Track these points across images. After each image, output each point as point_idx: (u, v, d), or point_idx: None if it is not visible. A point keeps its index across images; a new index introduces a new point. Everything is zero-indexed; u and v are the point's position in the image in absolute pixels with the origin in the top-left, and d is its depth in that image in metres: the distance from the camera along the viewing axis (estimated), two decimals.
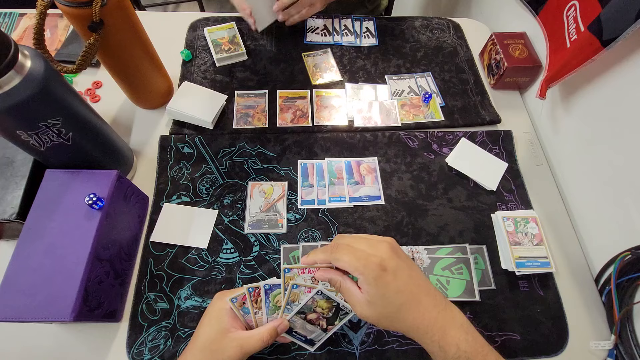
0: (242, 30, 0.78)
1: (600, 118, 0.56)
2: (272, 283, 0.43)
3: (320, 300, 0.42)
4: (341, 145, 0.66)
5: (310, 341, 0.46)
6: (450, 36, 0.82)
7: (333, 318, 0.44)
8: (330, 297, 0.42)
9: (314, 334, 0.45)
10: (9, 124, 0.41)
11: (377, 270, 0.36)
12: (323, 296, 0.42)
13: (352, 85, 0.73)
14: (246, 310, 0.43)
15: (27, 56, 0.40)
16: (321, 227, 0.58)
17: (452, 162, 0.64)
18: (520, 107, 0.74)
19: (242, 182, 0.61)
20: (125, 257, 0.52)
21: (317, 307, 0.43)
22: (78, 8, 0.47)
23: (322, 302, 0.43)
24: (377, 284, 0.36)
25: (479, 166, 0.64)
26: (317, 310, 0.43)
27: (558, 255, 0.58)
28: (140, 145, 0.64)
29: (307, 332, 0.45)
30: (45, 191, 0.46)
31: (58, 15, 0.79)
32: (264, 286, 0.42)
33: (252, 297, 0.42)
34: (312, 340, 0.46)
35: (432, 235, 0.58)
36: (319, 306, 0.43)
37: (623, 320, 0.50)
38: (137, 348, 0.49)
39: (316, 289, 0.41)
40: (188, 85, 0.68)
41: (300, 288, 0.42)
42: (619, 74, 0.52)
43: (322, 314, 0.43)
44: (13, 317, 0.40)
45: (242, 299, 0.42)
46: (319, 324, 0.44)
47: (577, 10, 0.58)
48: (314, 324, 0.44)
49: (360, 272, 0.36)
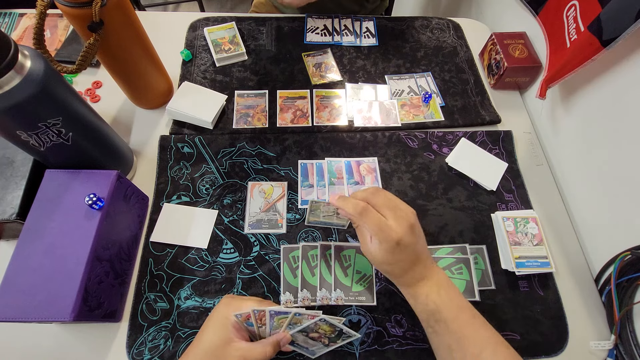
0: (242, 30, 0.78)
1: (600, 118, 0.56)
2: (278, 310, 0.41)
3: (323, 325, 0.42)
4: (341, 145, 0.66)
5: (312, 352, 0.46)
6: (450, 36, 0.82)
7: (336, 338, 0.44)
8: (333, 324, 0.42)
9: (316, 347, 0.45)
10: (9, 124, 0.41)
11: (392, 244, 0.42)
12: (326, 323, 0.42)
13: (352, 85, 0.73)
14: (250, 324, 0.43)
15: (27, 56, 0.40)
16: (321, 227, 0.58)
17: (452, 162, 0.64)
18: (520, 107, 0.74)
19: (242, 182, 0.61)
20: (125, 257, 0.52)
21: (319, 329, 0.43)
22: (78, 8, 0.47)
23: (325, 327, 0.42)
24: (388, 252, 0.42)
25: (479, 166, 0.64)
26: (319, 332, 0.43)
27: (558, 255, 0.58)
28: (140, 145, 0.64)
29: (308, 344, 0.45)
30: (45, 191, 0.46)
31: (58, 15, 0.79)
32: (269, 311, 0.41)
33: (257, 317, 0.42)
34: (313, 351, 0.46)
35: (432, 235, 0.58)
36: (321, 329, 0.43)
37: (623, 320, 0.50)
38: (137, 348, 0.49)
39: (318, 317, 0.41)
40: (188, 85, 0.68)
41: (303, 316, 0.41)
42: (619, 74, 0.52)
43: (324, 334, 0.43)
44: (13, 317, 0.40)
45: (247, 316, 0.42)
46: (321, 341, 0.44)
47: (577, 10, 0.58)
48: (315, 340, 0.44)
49: (378, 239, 0.43)
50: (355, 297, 0.52)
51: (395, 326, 0.51)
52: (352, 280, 0.53)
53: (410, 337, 0.51)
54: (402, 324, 0.52)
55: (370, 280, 0.53)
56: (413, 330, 0.51)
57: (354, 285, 0.52)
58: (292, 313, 0.41)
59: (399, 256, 0.43)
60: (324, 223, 0.56)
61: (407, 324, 0.52)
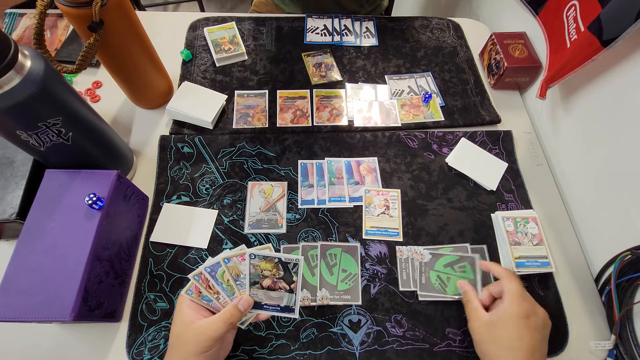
0: (242, 30, 0.78)
1: (600, 118, 0.56)
2: (210, 264, 0.42)
3: (260, 263, 0.42)
4: (341, 145, 0.66)
5: (287, 308, 0.44)
6: (450, 36, 0.82)
7: (288, 275, 0.44)
8: (267, 256, 0.42)
9: (285, 299, 0.44)
10: (9, 124, 0.41)
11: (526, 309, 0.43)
12: (259, 258, 0.42)
13: (352, 85, 0.73)
14: (208, 299, 0.43)
15: (27, 56, 0.40)
16: (321, 227, 0.58)
17: (452, 162, 0.64)
18: (520, 107, 0.74)
19: (242, 182, 0.61)
20: (125, 257, 0.52)
21: (264, 272, 0.43)
22: (78, 8, 0.47)
23: (264, 264, 0.43)
24: (514, 308, 0.43)
25: (479, 166, 0.64)
26: (266, 274, 0.43)
27: (558, 255, 0.58)
28: (140, 145, 0.64)
29: (275, 299, 0.44)
30: (45, 191, 0.46)
31: (58, 15, 0.79)
32: (205, 269, 0.42)
33: (204, 284, 0.42)
34: (287, 307, 0.44)
35: (432, 235, 0.58)
36: (264, 270, 0.43)
37: (623, 320, 0.50)
38: (137, 348, 0.49)
39: (247, 252, 0.42)
40: (188, 85, 0.68)
41: (233, 259, 0.42)
42: (619, 74, 0.52)
43: (274, 276, 0.43)
44: (13, 317, 0.40)
45: (196, 288, 0.42)
46: (280, 288, 0.44)
47: (577, 10, 0.58)
48: (275, 289, 0.44)
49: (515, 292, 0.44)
50: (340, 295, 0.52)
51: (395, 326, 0.51)
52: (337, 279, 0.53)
53: (410, 337, 0.51)
54: (402, 324, 0.52)
55: (356, 279, 0.53)
56: (413, 330, 0.51)
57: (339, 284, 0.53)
58: (222, 259, 0.42)
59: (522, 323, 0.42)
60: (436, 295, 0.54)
61: (407, 324, 0.52)
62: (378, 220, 0.59)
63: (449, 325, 0.52)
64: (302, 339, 0.50)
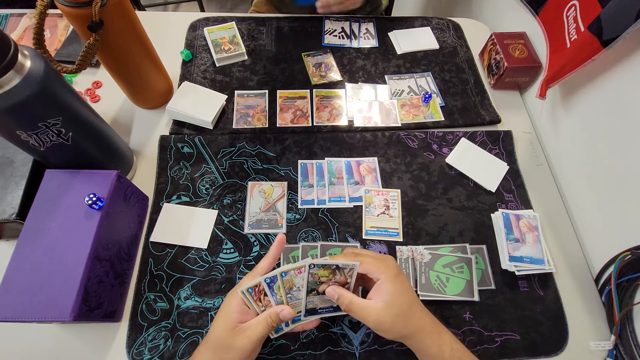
0: (242, 30, 0.78)
1: (600, 118, 0.56)
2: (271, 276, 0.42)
3: (318, 271, 0.42)
4: (341, 145, 0.66)
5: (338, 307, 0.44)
6: (450, 36, 0.82)
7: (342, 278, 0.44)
8: (325, 264, 0.41)
9: None
10: (9, 124, 0.41)
11: (396, 269, 0.43)
12: (317, 267, 0.41)
13: (352, 85, 0.73)
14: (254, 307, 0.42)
15: (27, 56, 0.40)
16: (321, 227, 0.58)
17: (452, 162, 0.64)
18: (520, 107, 0.74)
19: (242, 182, 0.61)
20: (125, 257, 0.52)
21: (320, 279, 0.42)
22: (78, 8, 0.46)
23: (321, 272, 0.42)
24: (396, 280, 0.42)
25: (479, 166, 0.64)
26: (323, 281, 0.43)
27: (558, 255, 0.58)
28: (140, 145, 0.64)
29: (329, 301, 0.44)
30: (45, 191, 0.46)
31: (58, 15, 0.79)
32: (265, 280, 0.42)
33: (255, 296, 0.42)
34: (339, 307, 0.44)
35: (432, 235, 0.58)
36: (321, 277, 0.42)
37: (623, 321, 0.50)
38: (136, 348, 0.49)
39: (306, 264, 0.41)
40: (188, 85, 0.68)
41: (290, 272, 0.41)
42: (619, 74, 0.52)
43: (329, 280, 0.43)
44: (13, 317, 0.40)
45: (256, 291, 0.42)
46: None
47: (577, 10, 0.58)
48: None
49: (382, 270, 0.42)
50: None
51: None
52: None
53: None
54: None
55: None
56: None
57: None
58: (279, 273, 0.41)
59: (406, 284, 0.43)
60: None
61: None
62: (378, 220, 0.59)
63: (449, 325, 0.52)
64: (302, 339, 0.50)
